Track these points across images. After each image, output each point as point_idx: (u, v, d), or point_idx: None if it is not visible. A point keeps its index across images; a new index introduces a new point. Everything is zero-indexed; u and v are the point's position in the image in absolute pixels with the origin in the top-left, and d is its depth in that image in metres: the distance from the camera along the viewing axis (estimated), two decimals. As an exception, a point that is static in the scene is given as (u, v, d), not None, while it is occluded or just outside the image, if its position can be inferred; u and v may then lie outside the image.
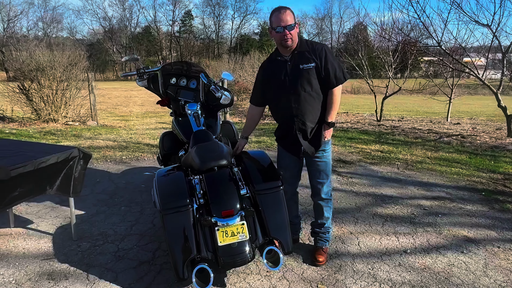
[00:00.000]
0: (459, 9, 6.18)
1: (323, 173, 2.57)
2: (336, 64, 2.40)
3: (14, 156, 2.47)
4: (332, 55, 2.41)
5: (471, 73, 6.62)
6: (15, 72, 8.88)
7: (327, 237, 2.71)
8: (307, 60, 2.38)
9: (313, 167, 2.58)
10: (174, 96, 3.37)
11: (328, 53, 2.38)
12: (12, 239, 2.89)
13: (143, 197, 3.83)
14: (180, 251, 2.07)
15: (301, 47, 2.41)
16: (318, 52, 2.37)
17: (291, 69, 2.41)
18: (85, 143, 6.41)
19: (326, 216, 2.67)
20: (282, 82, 2.45)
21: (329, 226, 2.71)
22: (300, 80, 2.39)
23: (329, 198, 2.66)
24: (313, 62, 2.37)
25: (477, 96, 20.24)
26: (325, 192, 2.62)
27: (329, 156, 2.58)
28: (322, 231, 2.70)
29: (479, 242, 2.95)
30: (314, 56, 2.37)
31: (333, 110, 2.44)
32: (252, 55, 16.96)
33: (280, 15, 2.30)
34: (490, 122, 10.30)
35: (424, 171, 4.95)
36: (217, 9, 61.06)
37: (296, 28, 2.36)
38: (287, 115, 2.50)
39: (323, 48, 2.39)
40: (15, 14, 50.57)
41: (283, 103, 2.50)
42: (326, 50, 2.39)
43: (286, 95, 2.46)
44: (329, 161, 2.58)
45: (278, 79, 2.47)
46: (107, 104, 15.47)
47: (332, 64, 2.37)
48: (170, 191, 2.21)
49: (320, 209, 2.67)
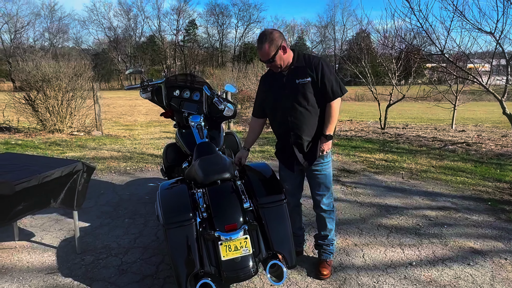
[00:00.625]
0: (461, 17, 6.15)
1: (322, 185, 2.56)
2: (333, 77, 2.39)
3: (18, 170, 2.49)
4: (329, 69, 2.41)
5: (475, 81, 6.59)
6: (22, 82, 8.99)
7: (331, 250, 2.69)
8: (303, 74, 2.39)
9: (313, 179, 2.58)
10: (178, 108, 3.40)
11: (325, 66, 2.38)
12: (17, 253, 2.89)
13: (147, 209, 3.83)
14: (184, 265, 2.06)
15: (298, 61, 2.42)
16: (314, 66, 2.38)
17: (287, 83, 2.44)
18: (90, 153, 6.45)
19: (329, 227, 2.65)
20: (278, 96, 2.48)
21: (332, 238, 2.69)
22: (296, 94, 2.40)
23: (331, 209, 2.64)
24: (309, 77, 2.38)
25: (481, 102, 20.15)
26: (326, 203, 2.60)
27: (329, 169, 2.57)
28: (325, 243, 2.68)
29: (486, 254, 2.92)
30: (310, 70, 2.38)
31: (331, 123, 2.44)
32: (255, 63, 17.02)
33: (260, 50, 2.36)
34: (496, 129, 10.22)
35: (429, 180, 4.92)
36: (221, 18, 61.67)
37: (282, 53, 2.36)
38: (283, 129, 2.52)
39: (319, 62, 2.39)
40: (22, 25, 51.42)
41: (279, 117, 2.52)
42: (323, 63, 2.39)
43: (282, 109, 2.48)
44: (329, 173, 2.57)
45: (275, 93, 2.50)
46: (112, 113, 15.59)
47: (328, 78, 2.37)
48: (173, 205, 2.21)
49: (322, 220, 2.66)
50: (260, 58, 2.42)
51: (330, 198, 2.62)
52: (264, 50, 2.32)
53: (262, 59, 2.40)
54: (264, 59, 2.37)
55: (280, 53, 2.35)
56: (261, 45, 2.34)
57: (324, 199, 2.59)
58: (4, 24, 49.77)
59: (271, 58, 2.34)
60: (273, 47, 2.32)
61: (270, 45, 2.32)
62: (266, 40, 2.32)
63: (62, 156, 6.19)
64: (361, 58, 10.67)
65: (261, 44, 2.34)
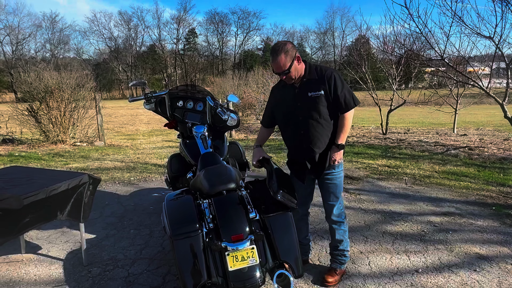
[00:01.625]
0: (460, 22, 6.21)
1: (332, 195, 2.57)
2: (346, 90, 2.39)
3: (26, 184, 2.52)
4: (342, 81, 2.40)
5: (476, 85, 6.62)
6: (24, 94, 9.05)
7: (341, 260, 2.68)
8: (315, 87, 2.39)
9: (324, 188, 2.60)
10: (181, 118, 3.42)
11: (337, 79, 2.38)
12: (24, 266, 2.91)
13: (152, 219, 3.84)
14: (191, 276, 2.07)
15: (310, 74, 2.42)
16: (327, 78, 2.37)
17: (299, 96, 2.44)
18: (93, 164, 6.47)
19: (338, 238, 2.64)
20: (290, 109, 2.49)
21: (344, 249, 2.67)
22: (308, 107, 2.41)
23: (341, 220, 2.64)
24: (322, 90, 2.38)
25: (482, 106, 20.13)
26: (336, 214, 2.60)
27: (340, 178, 2.57)
28: (336, 253, 2.68)
29: (492, 260, 2.91)
30: (322, 83, 2.38)
31: (343, 133, 2.44)
32: (256, 70, 17.10)
33: (274, 61, 2.33)
34: (497, 133, 10.23)
35: (433, 185, 4.92)
36: (221, 27, 62.04)
37: (297, 63, 2.37)
38: (295, 141, 2.55)
39: (332, 74, 2.38)
40: (24, 36, 51.81)
41: (291, 129, 2.54)
42: (335, 76, 2.39)
43: (294, 121, 2.49)
44: (339, 183, 2.57)
45: (287, 105, 2.51)
46: (113, 123, 15.65)
47: (341, 90, 2.37)
48: (179, 216, 2.22)
49: (332, 231, 2.67)
50: (274, 70, 2.39)
51: (340, 208, 2.62)
52: (280, 61, 2.30)
53: (277, 71, 2.37)
54: (280, 71, 2.34)
55: (295, 63, 2.35)
56: (276, 56, 2.31)
57: (334, 210, 2.59)
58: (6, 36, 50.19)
59: (287, 69, 2.32)
60: (288, 57, 2.31)
61: (286, 56, 2.30)
62: (282, 51, 2.30)
63: (66, 167, 6.22)
64: (361, 64, 10.73)
65: (276, 56, 2.31)
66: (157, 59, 58.67)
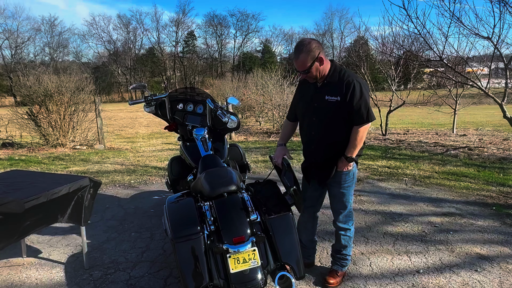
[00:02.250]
0: (459, 22, 6.23)
1: (340, 202, 2.55)
2: (363, 103, 2.29)
3: (27, 188, 2.52)
4: (362, 92, 2.29)
5: (474, 85, 6.64)
6: (24, 98, 9.06)
7: (343, 263, 2.67)
8: (333, 92, 2.33)
9: (331, 194, 2.59)
10: (182, 121, 3.43)
11: (356, 88, 2.27)
12: (25, 270, 2.90)
13: (152, 222, 3.84)
14: (193, 279, 2.07)
15: (332, 76, 2.36)
16: (346, 85, 2.29)
17: (317, 97, 2.41)
18: (93, 167, 6.48)
19: (343, 244, 2.63)
20: (307, 108, 2.49)
21: (346, 253, 2.66)
22: (323, 111, 2.39)
23: (347, 227, 2.60)
24: (338, 96, 2.31)
25: (481, 106, 20.16)
26: (342, 221, 2.58)
27: (349, 188, 2.53)
28: (338, 256, 2.68)
29: (493, 260, 2.92)
30: (340, 89, 2.30)
31: (352, 147, 2.37)
32: (255, 73, 17.13)
33: (295, 61, 2.31)
34: (497, 133, 10.25)
35: (433, 186, 4.93)
36: (219, 29, 62.17)
37: (319, 64, 2.31)
38: (306, 140, 2.56)
39: (353, 82, 2.28)
40: (23, 40, 51.88)
41: (305, 128, 2.54)
42: (356, 85, 2.27)
43: (308, 121, 2.50)
44: (347, 192, 2.53)
45: (304, 104, 2.51)
46: (113, 126, 15.66)
47: (357, 102, 2.28)
48: (181, 219, 2.22)
49: (337, 235, 2.65)
50: (296, 68, 2.35)
51: (348, 217, 2.59)
52: (300, 60, 2.27)
53: (298, 69, 2.34)
54: (300, 70, 2.31)
55: (316, 64, 2.29)
56: (297, 55, 2.28)
57: (341, 217, 2.58)
58: (5, 40, 50.26)
59: (306, 69, 2.29)
60: (309, 57, 2.26)
61: (307, 55, 2.26)
62: (303, 51, 2.26)
63: (66, 171, 6.22)
64: (360, 65, 10.75)
65: (298, 54, 2.28)
66: (156, 62, 58.75)
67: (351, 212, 2.62)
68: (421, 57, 8.06)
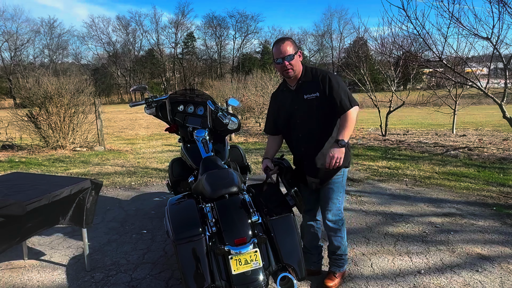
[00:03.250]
0: (458, 23, 6.25)
1: (329, 200, 2.51)
2: (342, 91, 2.31)
3: (28, 190, 2.52)
4: (338, 82, 2.34)
5: (474, 86, 6.66)
6: (24, 100, 9.06)
7: (340, 263, 2.65)
8: (311, 89, 2.36)
9: (321, 191, 2.55)
10: (182, 123, 3.44)
11: (332, 80, 2.32)
12: (26, 272, 2.90)
13: (153, 223, 3.85)
14: (194, 280, 2.07)
15: (305, 76, 2.40)
16: (321, 80, 2.34)
17: (296, 99, 2.43)
18: (94, 169, 6.48)
19: (336, 245, 2.59)
20: (289, 113, 2.49)
21: (342, 253, 2.62)
22: (305, 110, 2.40)
23: (337, 227, 2.55)
24: (317, 91, 2.34)
25: (481, 106, 20.22)
26: (331, 220, 2.52)
27: (338, 184, 2.49)
28: (334, 258, 2.65)
29: (494, 260, 2.92)
30: (317, 85, 2.34)
31: (345, 129, 2.30)
32: (254, 74, 17.16)
33: (279, 46, 2.31)
34: (496, 133, 10.26)
35: (433, 186, 4.93)
36: (219, 30, 62.28)
37: (299, 57, 2.37)
38: (295, 145, 2.55)
39: (326, 76, 2.34)
40: (22, 42, 51.94)
41: (292, 134, 2.53)
42: (330, 77, 2.34)
43: (293, 125, 2.49)
44: (336, 188, 2.49)
45: (286, 110, 2.51)
46: (113, 127, 15.66)
47: (337, 91, 2.30)
48: (182, 220, 2.23)
49: (329, 237, 2.61)
50: (279, 56, 2.31)
51: (337, 216, 2.53)
52: (286, 45, 2.30)
53: (281, 55, 2.30)
54: (283, 55, 2.29)
55: (298, 56, 2.35)
56: (282, 42, 2.31)
57: (329, 215, 2.52)
58: (4, 42, 50.31)
59: (291, 54, 2.30)
60: (293, 46, 2.33)
61: (291, 43, 2.32)
62: (288, 39, 2.34)
63: (67, 172, 6.22)
64: (360, 66, 10.77)
65: (282, 42, 2.31)
66: (156, 64, 58.82)
67: (341, 212, 2.55)
68: (420, 57, 8.08)
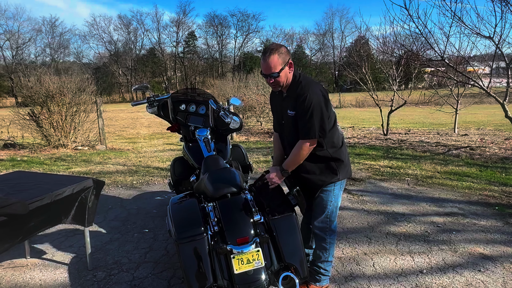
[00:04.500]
0: (460, 22, 6.23)
1: (317, 207, 2.44)
2: (308, 118, 2.15)
3: (31, 189, 2.52)
4: (313, 108, 2.14)
5: (476, 85, 6.64)
6: (26, 99, 9.07)
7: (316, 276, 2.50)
8: (291, 106, 2.26)
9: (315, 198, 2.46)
10: (184, 122, 3.44)
11: (307, 102, 2.13)
12: (29, 270, 2.91)
13: (155, 222, 3.85)
14: (196, 279, 2.07)
15: (290, 89, 2.26)
16: (299, 100, 2.18)
17: (283, 111, 2.36)
18: (95, 168, 6.48)
19: (317, 253, 2.49)
20: (279, 120, 2.47)
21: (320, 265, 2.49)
22: (286, 124, 2.35)
23: (322, 235, 2.44)
24: (294, 110, 2.24)
25: (483, 105, 20.15)
26: (317, 227, 2.45)
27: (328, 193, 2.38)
28: (312, 267, 2.52)
29: (496, 260, 2.92)
30: (295, 103, 2.21)
31: (290, 161, 2.28)
32: (256, 73, 17.13)
33: (265, 60, 2.14)
34: (498, 132, 10.23)
35: (435, 186, 4.93)
36: (220, 29, 62.27)
37: (288, 69, 2.20)
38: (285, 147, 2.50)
39: (304, 97, 2.15)
40: (24, 41, 52.02)
41: (282, 136, 2.51)
42: (306, 98, 2.14)
43: (281, 132, 2.48)
44: (326, 198, 2.39)
45: (277, 115, 2.49)
46: (114, 126, 15.67)
47: (302, 117, 2.18)
48: (184, 220, 2.23)
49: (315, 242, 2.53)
50: (263, 72, 2.19)
51: (324, 223, 2.43)
52: (272, 61, 2.12)
53: (265, 72, 2.17)
54: (268, 72, 2.15)
55: (286, 69, 2.18)
56: (268, 56, 2.13)
57: (316, 222, 2.45)
58: (6, 41, 50.38)
59: (277, 72, 2.14)
60: (281, 60, 2.14)
61: (279, 57, 2.13)
62: (275, 52, 2.13)
63: (68, 171, 6.23)
64: (361, 65, 10.74)
65: (269, 55, 2.12)
66: (157, 62, 58.86)
67: (329, 221, 2.43)
68: (422, 56, 8.05)
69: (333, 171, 2.36)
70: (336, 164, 2.35)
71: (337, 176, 2.37)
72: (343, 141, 2.43)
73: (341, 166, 2.37)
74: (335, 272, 2.79)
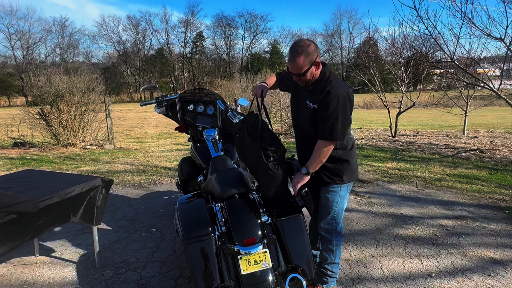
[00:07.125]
0: (470, 23, 6.16)
1: (323, 208, 2.43)
2: (332, 118, 2.13)
3: (41, 187, 2.55)
4: (337, 107, 2.13)
5: (486, 87, 6.56)
6: (36, 98, 9.17)
7: (323, 278, 2.50)
8: (313, 99, 2.25)
9: (320, 197, 2.46)
10: (192, 122, 3.45)
11: (332, 101, 2.12)
12: (38, 268, 2.94)
13: (162, 222, 3.86)
14: (203, 279, 2.07)
15: (316, 85, 2.25)
16: (324, 96, 2.16)
17: (303, 101, 2.34)
18: (104, 167, 6.53)
19: (324, 255, 2.49)
20: (295, 107, 2.47)
21: (326, 267, 2.50)
22: (306, 115, 2.33)
23: (328, 237, 2.45)
24: (316, 103, 2.22)
25: (493, 108, 19.91)
26: (323, 228, 2.45)
27: (334, 193, 2.38)
28: (319, 269, 2.52)
29: (506, 264, 2.88)
30: (319, 97, 2.20)
31: (312, 159, 2.24)
32: (263, 73, 17.11)
33: (291, 62, 2.16)
34: (509, 135, 10.09)
35: (444, 189, 4.87)
36: (228, 30, 62.39)
37: (314, 68, 2.18)
38: (296, 138, 2.54)
39: (329, 95, 2.13)
40: (34, 41, 52.67)
41: (295, 126, 2.52)
42: (331, 99, 2.12)
43: (296, 120, 2.48)
44: (332, 198, 2.39)
45: (295, 101, 2.48)
46: (122, 126, 15.78)
47: (324, 116, 2.15)
48: (192, 220, 2.23)
49: (321, 244, 2.53)
50: (290, 70, 2.22)
51: (330, 225, 2.44)
52: (298, 63, 2.13)
53: (292, 71, 2.21)
54: (295, 72, 2.19)
55: (313, 68, 2.17)
56: (294, 57, 2.14)
57: (322, 223, 2.46)
58: (17, 41, 51.07)
59: (302, 72, 2.16)
60: (307, 61, 2.13)
61: (305, 58, 2.12)
62: (302, 53, 2.12)
63: (77, 170, 6.28)
64: (369, 66, 10.67)
65: (295, 56, 2.13)
66: (165, 63, 59.20)
67: (335, 222, 2.43)
68: (431, 58, 7.98)
69: (338, 172, 2.34)
70: (342, 165, 2.34)
71: (342, 179, 2.35)
72: (353, 143, 2.41)
73: (347, 169, 2.35)
74: (343, 274, 2.78)
